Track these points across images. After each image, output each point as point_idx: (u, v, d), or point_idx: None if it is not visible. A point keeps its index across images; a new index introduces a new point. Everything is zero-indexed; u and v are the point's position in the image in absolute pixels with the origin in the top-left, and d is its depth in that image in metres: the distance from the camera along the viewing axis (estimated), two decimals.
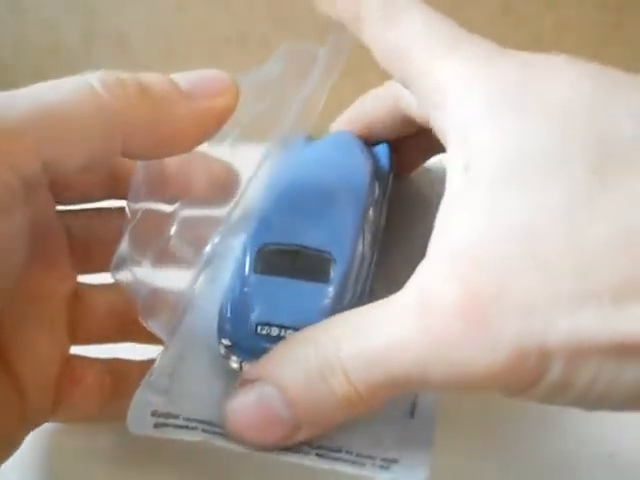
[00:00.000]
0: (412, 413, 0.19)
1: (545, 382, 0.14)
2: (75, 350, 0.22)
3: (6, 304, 0.18)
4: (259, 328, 0.19)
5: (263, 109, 0.21)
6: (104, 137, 0.17)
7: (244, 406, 0.17)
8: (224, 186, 0.22)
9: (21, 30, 0.45)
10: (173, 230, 0.21)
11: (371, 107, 0.25)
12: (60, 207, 0.21)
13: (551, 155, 0.15)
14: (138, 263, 0.19)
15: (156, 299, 0.19)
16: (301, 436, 0.17)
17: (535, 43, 0.45)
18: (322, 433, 0.17)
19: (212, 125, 0.18)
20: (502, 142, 0.15)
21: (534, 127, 0.15)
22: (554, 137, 0.15)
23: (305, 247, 0.20)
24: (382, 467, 0.17)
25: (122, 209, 0.20)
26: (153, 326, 0.19)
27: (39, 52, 0.46)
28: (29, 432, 0.20)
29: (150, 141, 0.18)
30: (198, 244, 0.20)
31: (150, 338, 0.20)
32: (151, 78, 0.17)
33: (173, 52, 0.46)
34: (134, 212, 0.20)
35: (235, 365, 0.19)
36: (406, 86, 0.19)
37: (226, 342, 0.19)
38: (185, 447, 0.18)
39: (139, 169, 0.20)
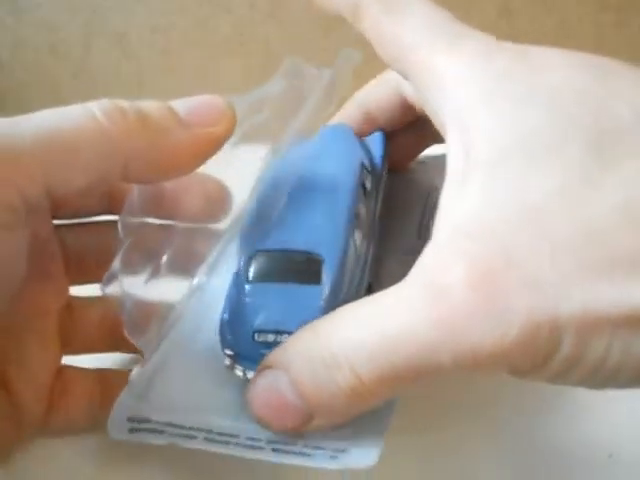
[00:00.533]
0: None
1: (557, 358, 0.14)
2: (66, 360, 0.22)
3: (1, 319, 0.18)
4: (256, 336, 0.19)
5: (263, 120, 0.21)
6: (105, 163, 0.18)
7: (259, 391, 0.18)
8: (217, 204, 0.22)
9: (21, 30, 0.45)
10: (166, 247, 0.21)
11: (370, 93, 0.25)
12: (56, 221, 0.22)
13: (547, 137, 0.15)
14: (129, 277, 0.20)
15: (141, 313, 0.20)
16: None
17: (535, 44, 0.45)
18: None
19: (208, 151, 0.19)
20: (499, 126, 0.16)
21: (529, 112, 0.16)
22: (550, 121, 0.15)
23: (293, 250, 0.20)
24: (332, 457, 0.18)
25: (115, 222, 0.20)
26: (136, 341, 0.20)
27: (39, 52, 0.46)
28: (22, 444, 0.20)
29: (149, 167, 0.19)
30: (191, 260, 0.21)
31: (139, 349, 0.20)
32: (150, 106, 0.18)
33: (173, 52, 0.46)
34: (128, 228, 0.20)
35: (239, 374, 0.20)
36: (405, 77, 0.19)
37: (228, 352, 0.20)
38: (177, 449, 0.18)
39: (135, 186, 0.21)
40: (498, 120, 0.16)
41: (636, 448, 0.22)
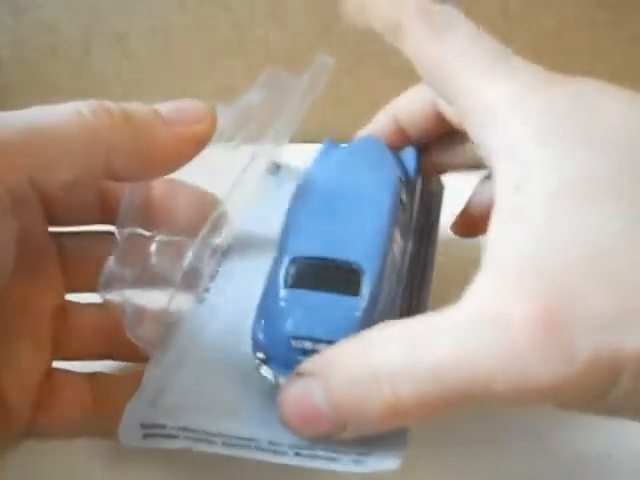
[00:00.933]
0: None
1: (613, 393, 0.15)
2: (59, 364, 0.22)
3: None
4: (293, 341, 0.19)
5: (247, 135, 0.22)
6: (87, 155, 0.18)
7: (291, 396, 0.18)
8: (205, 213, 0.22)
9: (21, 30, 0.45)
10: (154, 250, 0.22)
11: (404, 105, 0.25)
12: (55, 229, 0.22)
13: (606, 178, 0.16)
14: (124, 281, 0.20)
15: (142, 315, 0.20)
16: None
17: (535, 44, 0.45)
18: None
19: (191, 150, 0.20)
20: (556, 165, 0.16)
21: (586, 153, 0.16)
22: (606, 162, 0.16)
23: (334, 260, 0.20)
24: (355, 461, 0.18)
25: (113, 233, 0.21)
26: (139, 339, 0.20)
27: (39, 52, 0.46)
28: (9, 445, 0.20)
29: (132, 163, 0.19)
30: (177, 262, 0.21)
31: (133, 357, 0.21)
32: (135, 106, 0.19)
33: (173, 52, 0.46)
34: (121, 235, 0.21)
35: (270, 378, 0.20)
36: (448, 101, 0.19)
37: (260, 355, 0.20)
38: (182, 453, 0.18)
39: (127, 196, 0.22)
40: (555, 158, 0.16)
41: (636, 448, 0.22)
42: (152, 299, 0.21)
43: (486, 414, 0.23)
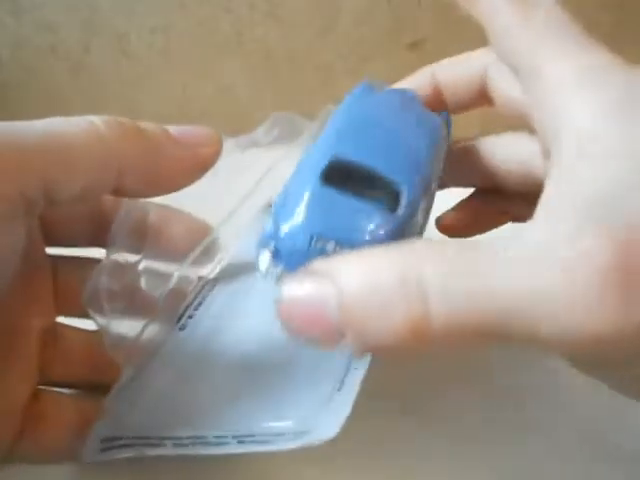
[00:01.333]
0: (340, 388, 0.19)
1: None
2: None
3: None
4: (314, 240, 0.18)
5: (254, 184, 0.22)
6: (101, 166, 0.18)
7: (295, 291, 0.16)
8: (198, 241, 0.23)
9: (21, 30, 0.45)
10: (141, 272, 0.22)
11: (449, 69, 0.25)
12: (52, 251, 0.23)
13: None
14: (108, 300, 0.20)
15: (122, 335, 0.21)
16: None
17: None
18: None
19: (197, 170, 0.20)
20: (621, 132, 0.16)
21: None
22: None
23: (377, 171, 0.19)
24: (292, 440, 0.18)
25: None
26: (118, 359, 0.20)
27: (39, 52, 0.46)
28: None
29: (141, 178, 0.19)
30: (163, 285, 0.22)
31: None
32: (147, 124, 0.20)
33: (173, 52, 0.46)
34: (110, 254, 0.21)
35: (274, 274, 0.19)
36: (515, 72, 0.19)
37: (272, 247, 0.18)
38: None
39: (121, 216, 0.22)
40: (621, 126, 0.16)
41: (636, 448, 0.22)
42: (133, 321, 0.21)
43: (492, 410, 0.23)
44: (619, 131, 0.16)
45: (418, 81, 0.25)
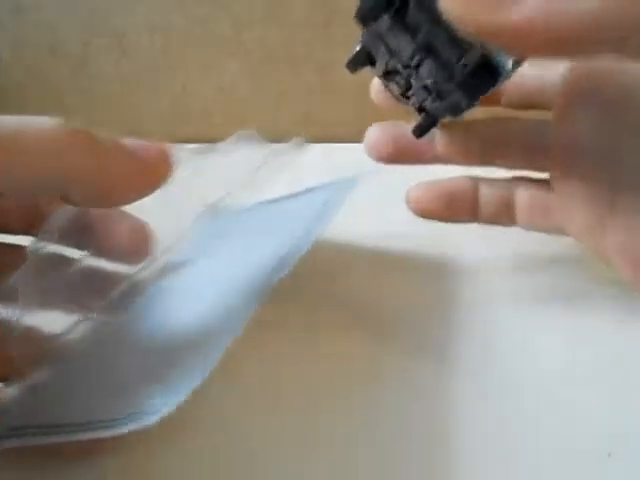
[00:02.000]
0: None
1: None
2: None
3: None
4: None
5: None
6: (45, 167, 0.18)
7: None
8: (139, 245, 0.22)
9: (20, 30, 0.45)
10: (77, 271, 0.21)
11: None
12: None
13: None
14: (25, 297, 0.20)
15: (30, 336, 0.20)
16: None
17: None
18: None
19: (148, 187, 0.20)
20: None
21: None
22: None
23: None
24: (125, 425, 0.18)
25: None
26: (19, 357, 0.20)
27: (39, 52, 0.46)
28: None
29: (90, 188, 0.19)
30: (101, 287, 0.21)
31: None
32: (102, 134, 0.19)
33: (173, 52, 0.46)
34: (38, 249, 0.21)
35: None
36: None
37: None
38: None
39: (59, 211, 0.21)
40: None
41: (636, 448, 0.22)
42: (51, 320, 0.21)
43: (486, 409, 0.23)
44: None
45: None
